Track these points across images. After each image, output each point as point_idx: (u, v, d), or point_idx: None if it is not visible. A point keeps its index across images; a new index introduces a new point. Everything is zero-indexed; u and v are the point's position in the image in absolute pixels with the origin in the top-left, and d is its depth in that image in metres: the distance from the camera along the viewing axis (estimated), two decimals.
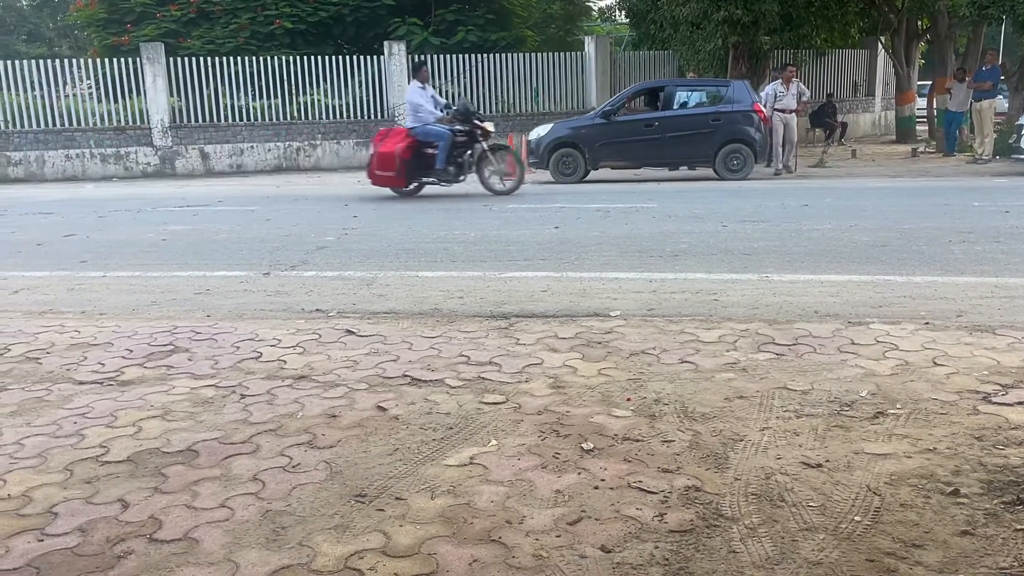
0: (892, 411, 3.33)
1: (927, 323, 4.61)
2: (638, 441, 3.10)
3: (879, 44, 22.70)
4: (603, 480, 2.78)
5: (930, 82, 21.95)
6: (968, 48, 20.65)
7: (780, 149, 14.98)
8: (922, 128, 21.97)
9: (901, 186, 12.41)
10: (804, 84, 16.91)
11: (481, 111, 19.39)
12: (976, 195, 10.86)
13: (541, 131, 14.45)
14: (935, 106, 19.85)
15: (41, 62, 17.90)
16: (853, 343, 4.25)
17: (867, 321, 4.67)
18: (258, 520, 2.57)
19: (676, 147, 13.82)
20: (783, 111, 14.97)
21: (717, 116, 13.87)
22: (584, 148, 13.91)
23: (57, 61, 18.09)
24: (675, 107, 14.20)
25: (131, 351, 4.47)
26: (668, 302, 5.36)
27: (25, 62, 17.82)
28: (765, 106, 14.98)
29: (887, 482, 2.72)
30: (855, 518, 2.49)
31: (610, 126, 13.85)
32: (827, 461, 2.89)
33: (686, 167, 14.38)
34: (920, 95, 23.28)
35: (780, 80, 15.22)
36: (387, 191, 12.27)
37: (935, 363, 3.90)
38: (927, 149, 18.59)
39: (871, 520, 2.48)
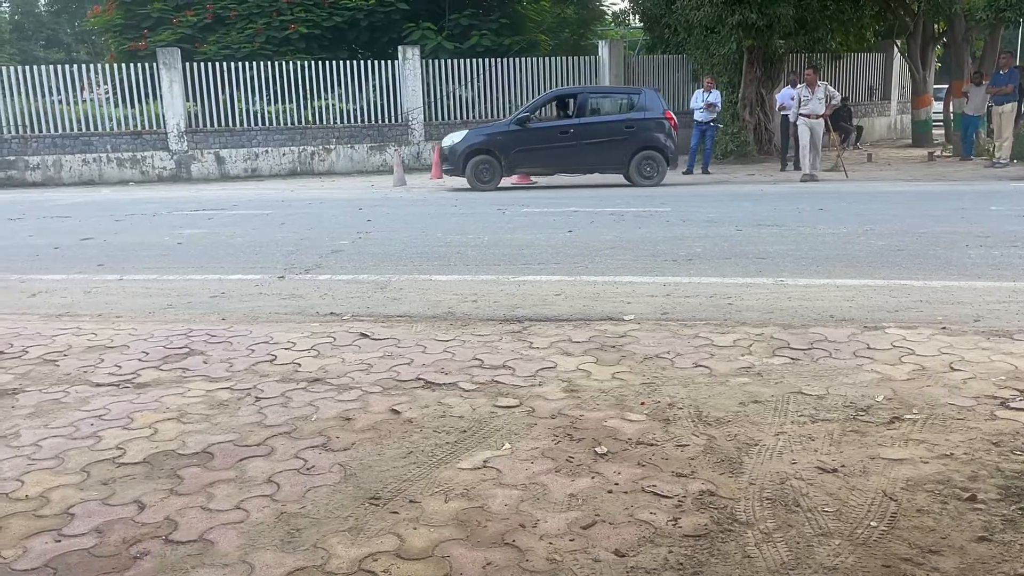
0: (909, 416, 3.31)
1: (944, 328, 4.58)
2: (652, 445, 3.09)
3: (895, 47, 22.58)
4: (617, 484, 2.77)
5: (946, 85, 21.81)
6: (985, 51, 20.50)
7: (807, 155, 14.47)
8: (939, 132, 21.83)
9: (917, 190, 12.34)
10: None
11: (495, 115, 19.42)
12: (994, 199, 10.78)
13: (455, 138, 14.38)
14: (952, 110, 19.72)
15: (59, 67, 18.06)
16: (869, 348, 4.22)
17: (883, 325, 4.64)
18: (273, 522, 2.58)
19: (591, 154, 13.94)
20: (809, 116, 14.40)
21: (630, 123, 14.04)
22: (500, 155, 13.87)
23: (75, 66, 18.26)
24: (589, 114, 14.30)
25: (147, 353, 4.50)
26: (682, 306, 5.35)
27: (43, 67, 17.98)
28: (789, 111, 14.84)
29: (904, 487, 2.70)
30: (871, 523, 2.48)
31: (525, 133, 13.88)
32: (843, 466, 2.87)
33: (600, 173, 14.54)
34: (936, 99, 23.13)
35: (804, 84, 14.63)
36: (392, 195, 12.30)
37: (952, 368, 3.88)
38: (944, 153, 18.47)
39: (887, 526, 2.46)
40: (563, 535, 2.45)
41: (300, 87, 18.46)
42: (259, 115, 18.47)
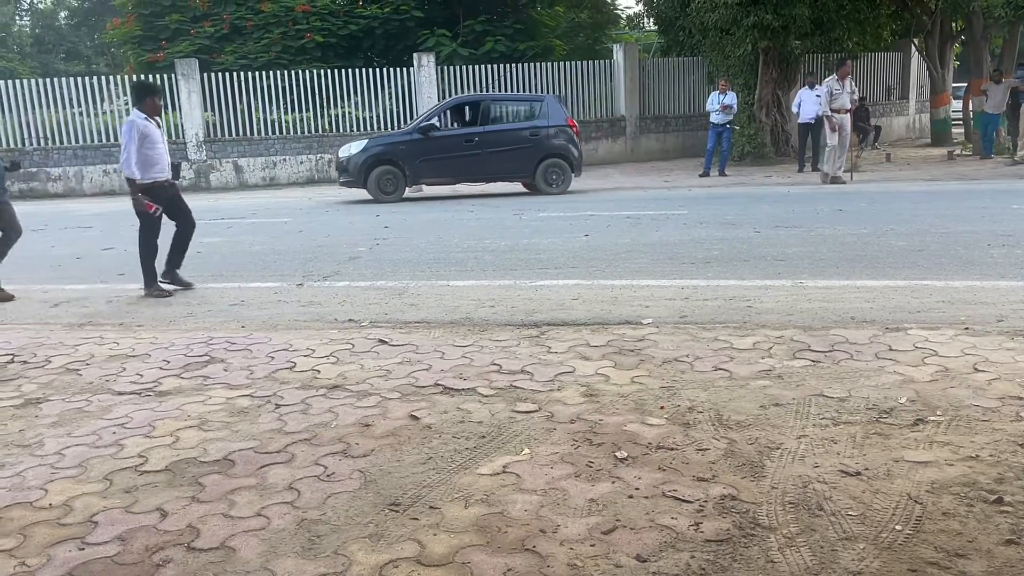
0: (932, 418, 3.27)
1: (967, 328, 4.53)
2: (672, 449, 3.08)
3: (912, 46, 22.40)
4: (637, 489, 2.76)
5: (965, 84, 21.61)
6: (1004, 49, 20.30)
7: (836, 155, 13.62)
8: (958, 131, 21.62)
9: (937, 189, 12.22)
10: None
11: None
12: (1015, 198, 10.66)
13: (352, 148, 13.69)
14: (971, 108, 19.53)
15: (79, 79, 18.27)
16: (891, 349, 4.18)
17: (905, 327, 4.60)
18: (294, 529, 2.59)
19: (496, 162, 13.61)
20: (839, 111, 13.59)
21: (535, 131, 13.79)
22: (403, 165, 13.35)
23: (95, 78, 18.46)
24: (491, 122, 14.03)
25: (168, 362, 4.53)
26: (701, 309, 5.32)
27: (64, 80, 18.19)
28: (820, 107, 14.47)
29: (928, 490, 2.67)
30: (896, 527, 2.45)
31: (429, 142, 13.39)
32: (866, 469, 2.84)
33: (505, 182, 14.25)
34: (955, 97, 22.92)
35: (835, 77, 13.82)
36: (417, 202, 12.34)
37: (976, 369, 3.83)
38: (963, 152, 18.28)
39: (912, 529, 2.43)
40: (584, 540, 2.44)
41: (316, 95, 18.56)
42: (276, 124, 18.58)
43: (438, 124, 13.91)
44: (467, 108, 14.65)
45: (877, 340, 4.35)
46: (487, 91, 19.19)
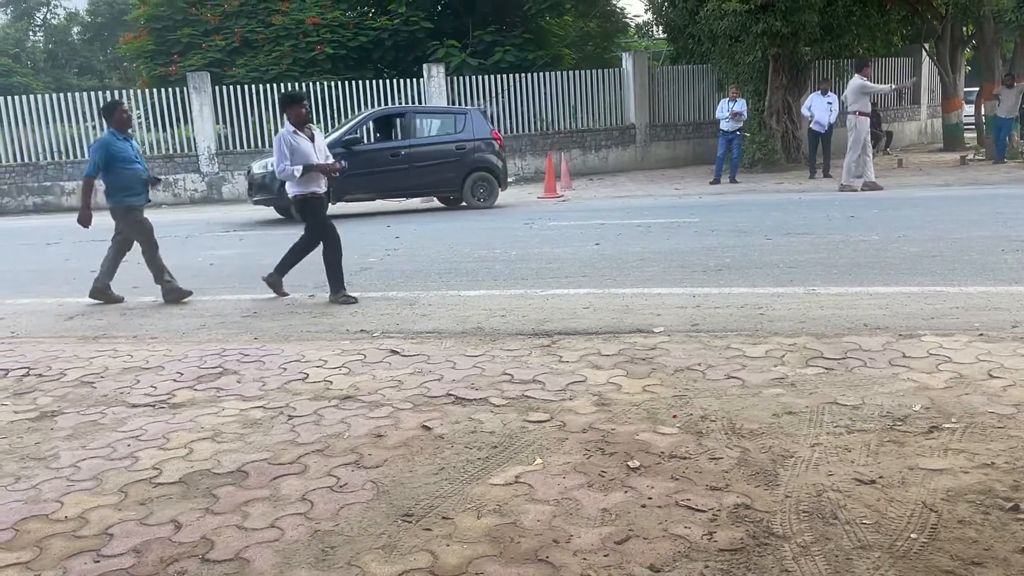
0: (947, 425, 3.25)
1: (981, 334, 4.50)
2: (685, 458, 3.07)
3: (923, 51, 22.33)
4: (650, 498, 2.75)
5: (977, 88, 21.52)
6: (1015, 53, 20.20)
7: (867, 160, 13.10)
8: (970, 135, 21.51)
9: (950, 195, 12.16)
10: (837, 94, 16.45)
11: (520, 130, 19.50)
12: None
13: (268, 164, 12.19)
14: (983, 113, 19.43)
15: (92, 94, 18.43)
16: (904, 356, 4.16)
17: (918, 333, 4.57)
18: (307, 540, 2.59)
19: (424, 176, 13.30)
20: (863, 113, 13.09)
21: (461, 145, 13.52)
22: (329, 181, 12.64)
23: (107, 92, 18.62)
24: (415, 135, 13.66)
25: (182, 374, 4.55)
26: (713, 317, 5.31)
27: (77, 94, 18.35)
28: (831, 114, 14.12)
29: (944, 498, 2.65)
30: (911, 535, 2.43)
31: (354, 156, 12.25)
32: (881, 477, 2.83)
33: (432, 197, 14.07)
34: (967, 102, 22.81)
35: (861, 75, 13.37)
36: (419, 211, 12.37)
37: (991, 375, 3.80)
38: (976, 157, 18.19)
39: (928, 537, 2.42)
40: (597, 550, 2.44)
41: (327, 107, 18.66)
42: None
43: (361, 138, 13.52)
44: (390, 121, 14.37)
45: (891, 347, 4.32)
46: (496, 101, 19.25)
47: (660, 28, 24.18)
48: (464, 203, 13.69)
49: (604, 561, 2.38)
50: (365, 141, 13.73)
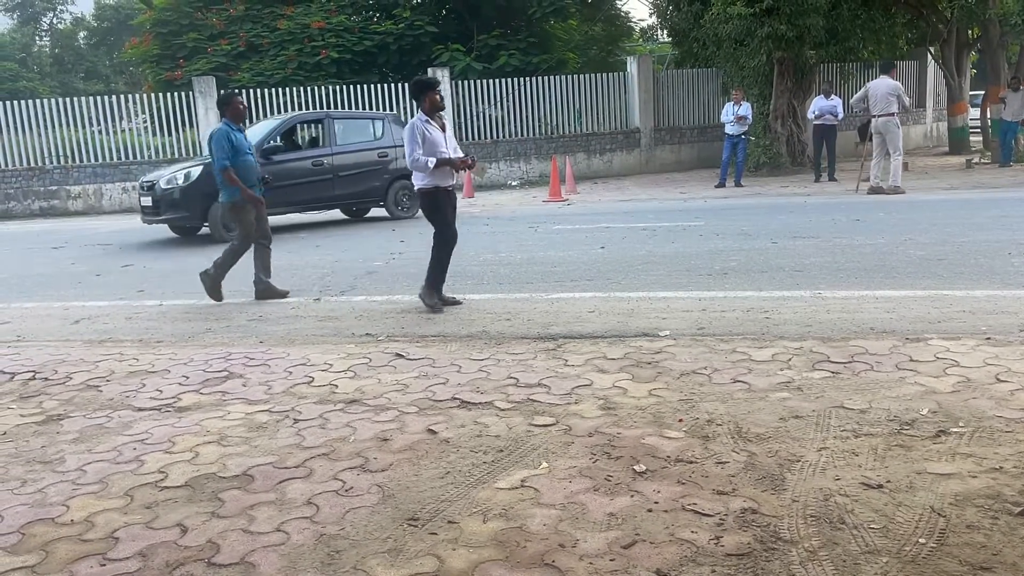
0: (955, 429, 3.24)
1: (988, 338, 4.48)
2: (692, 463, 3.06)
3: (928, 55, 22.30)
4: (657, 503, 2.75)
5: (982, 92, 21.48)
6: (1021, 56, 20.16)
7: (898, 160, 12.86)
8: (976, 139, 21.47)
9: (956, 198, 12.12)
10: (841, 97, 16.35)
11: (524, 134, 19.51)
12: None
13: (178, 177, 11.21)
14: (989, 116, 19.39)
15: (98, 98, 18.47)
16: (911, 360, 4.14)
17: (925, 337, 4.56)
18: (313, 544, 2.59)
19: (349, 186, 12.35)
20: (887, 115, 12.67)
21: (383, 152, 12.69)
22: None
23: (113, 97, 18.67)
24: (336, 142, 12.47)
25: (187, 377, 4.56)
26: (718, 321, 5.30)
27: (83, 99, 18.41)
28: (838, 116, 14.00)
29: (952, 503, 2.64)
30: (919, 540, 2.42)
31: (274, 167, 11.02)
32: (888, 481, 2.82)
33: (356, 208, 13.21)
34: (973, 105, 22.77)
35: (888, 78, 12.92)
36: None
37: (998, 379, 3.79)
38: (982, 160, 18.14)
39: (936, 542, 2.41)
40: (603, 555, 2.43)
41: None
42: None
43: (279, 145, 12.16)
44: (307, 127, 13.32)
45: (897, 351, 4.31)
46: (501, 104, 19.24)
47: (665, 32, 24.16)
48: (388, 213, 12.85)
49: (610, 566, 2.37)
50: (283, 149, 12.20)
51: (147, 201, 11.54)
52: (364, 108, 18.71)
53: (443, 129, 6.29)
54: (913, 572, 2.26)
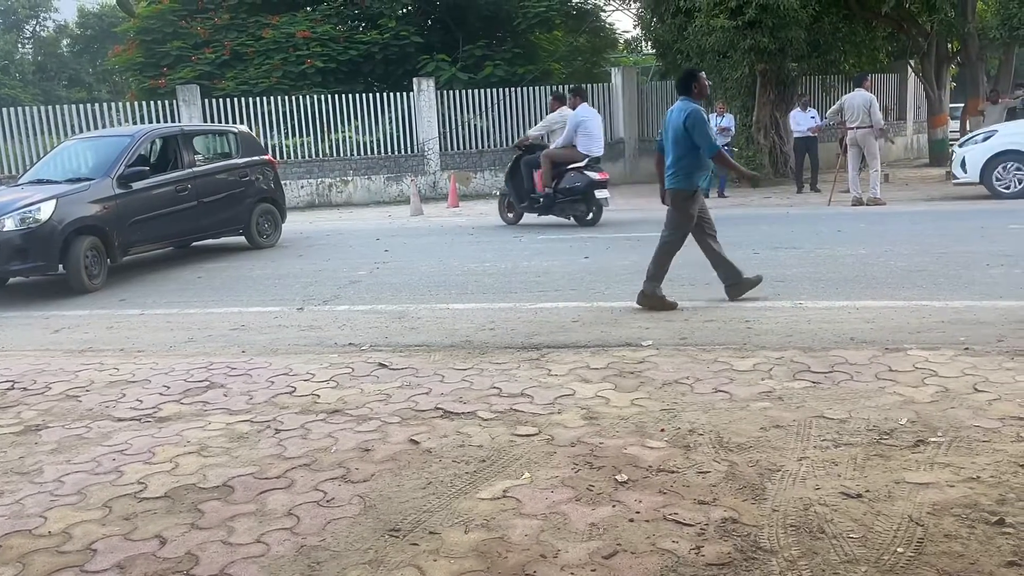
0: (933, 439, 3.27)
1: (967, 349, 4.53)
2: (673, 472, 3.07)
3: (909, 68, 22.55)
4: (638, 513, 2.75)
5: (962, 104, 21.74)
6: (1000, 69, 20.44)
7: (876, 171, 12.99)
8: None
9: (936, 210, 12.25)
10: (820, 110, 16.48)
11: (510, 144, 19.55)
12: (1013, 217, 10.67)
13: (31, 213, 7.93)
14: (968, 128, 19.61)
15: (81, 106, 18.38)
16: (891, 370, 4.18)
17: (905, 347, 4.60)
18: (293, 555, 2.58)
19: (212, 214, 10.21)
20: (866, 128, 12.85)
21: (244, 172, 10.83)
22: (112, 232, 8.58)
23: (97, 105, 18.58)
24: (192, 161, 10.16)
25: (168, 388, 4.53)
26: (701, 331, 5.33)
27: (66, 107, 18.30)
28: (833, 123, 14.08)
29: (930, 512, 2.66)
30: (898, 549, 2.44)
31: (136, 196, 8.99)
32: (867, 491, 2.84)
33: (218, 238, 10.89)
34: (953, 118, 23.03)
35: (863, 91, 13.12)
36: (408, 224, 12.37)
37: (976, 389, 3.83)
38: None
39: (914, 551, 2.42)
40: (584, 565, 2.43)
41: (317, 120, 18.67)
42: (277, 148, 18.67)
43: (141, 169, 9.21)
44: (160, 145, 10.50)
45: (877, 361, 4.35)
46: (486, 115, 19.27)
47: (649, 44, 24.31)
48: (248, 242, 11.01)
49: None
50: (142, 175, 9.17)
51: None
52: (348, 117, 18.70)
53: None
54: None
